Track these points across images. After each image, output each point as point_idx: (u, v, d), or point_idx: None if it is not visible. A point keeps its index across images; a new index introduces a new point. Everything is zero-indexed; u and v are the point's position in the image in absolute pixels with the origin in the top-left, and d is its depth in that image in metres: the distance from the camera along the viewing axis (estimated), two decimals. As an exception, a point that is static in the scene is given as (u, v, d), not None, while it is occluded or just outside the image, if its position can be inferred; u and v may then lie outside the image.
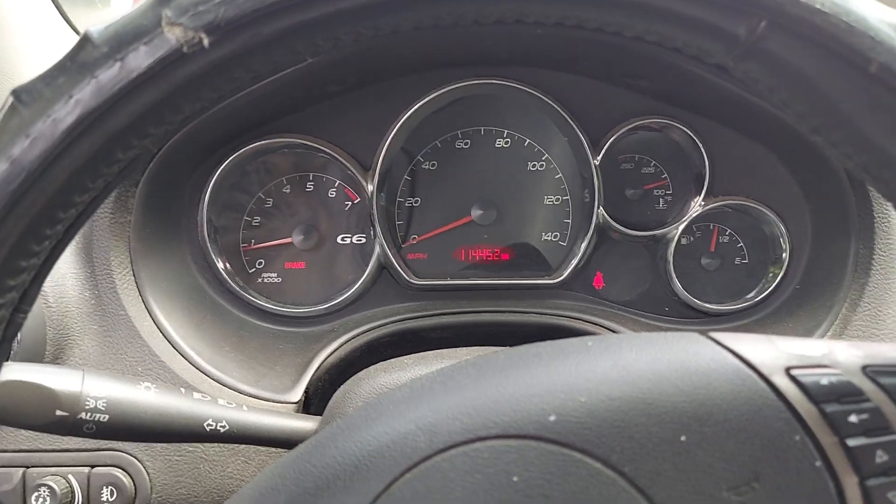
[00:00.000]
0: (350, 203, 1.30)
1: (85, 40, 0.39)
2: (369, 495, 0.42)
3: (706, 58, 0.42)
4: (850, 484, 0.41)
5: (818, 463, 0.42)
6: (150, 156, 1.09)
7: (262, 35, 0.39)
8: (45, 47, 1.18)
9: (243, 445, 1.03)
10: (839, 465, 0.42)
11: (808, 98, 0.41)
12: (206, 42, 0.38)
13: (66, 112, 0.38)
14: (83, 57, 0.38)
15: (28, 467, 1.03)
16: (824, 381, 0.43)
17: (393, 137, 1.24)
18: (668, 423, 0.42)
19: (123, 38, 0.38)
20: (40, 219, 0.40)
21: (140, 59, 0.38)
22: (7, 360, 0.45)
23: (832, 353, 0.45)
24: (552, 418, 0.43)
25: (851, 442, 0.42)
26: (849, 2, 0.39)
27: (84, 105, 0.38)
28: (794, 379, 0.43)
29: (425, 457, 0.42)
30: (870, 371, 0.44)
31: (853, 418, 0.42)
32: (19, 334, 0.97)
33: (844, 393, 0.43)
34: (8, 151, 0.38)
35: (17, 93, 0.39)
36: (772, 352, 0.45)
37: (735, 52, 0.41)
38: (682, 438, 0.42)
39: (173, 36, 0.38)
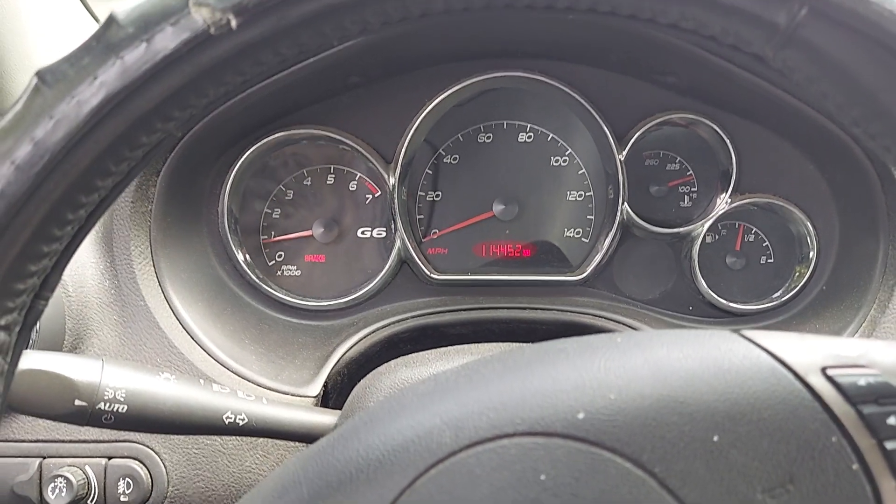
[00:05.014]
0: (371, 196, 1.29)
1: (111, 21, 0.38)
2: (394, 490, 0.41)
3: (744, 46, 0.41)
4: (888, 488, 0.40)
5: (855, 465, 0.40)
6: (172, 145, 1.08)
7: (291, 17, 0.38)
8: (66, 33, 1.18)
9: (261, 439, 1.03)
10: (877, 467, 0.40)
11: (847, 88, 0.40)
12: (233, 23, 0.37)
13: (91, 93, 0.37)
14: (109, 37, 0.38)
15: (45, 458, 1.03)
16: (862, 381, 0.42)
17: (415, 130, 1.23)
18: (700, 422, 0.41)
19: (150, 19, 0.37)
20: (63, 203, 0.39)
21: (167, 40, 0.37)
22: (26, 349, 0.44)
23: (870, 353, 0.44)
24: (581, 416, 0.42)
25: (890, 444, 0.40)
26: (894, -11, 0.38)
27: (109, 87, 0.37)
28: (830, 379, 0.42)
29: (451, 452, 0.42)
30: (910, 372, 0.42)
31: (892, 420, 0.41)
32: (38, 323, 0.97)
33: (883, 394, 0.42)
34: (31, 133, 0.37)
35: (41, 74, 0.38)
36: (807, 351, 0.44)
37: (774, 41, 0.40)
38: (715, 438, 0.41)
39: (201, 17, 0.37)
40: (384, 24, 0.40)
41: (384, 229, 1.30)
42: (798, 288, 1.24)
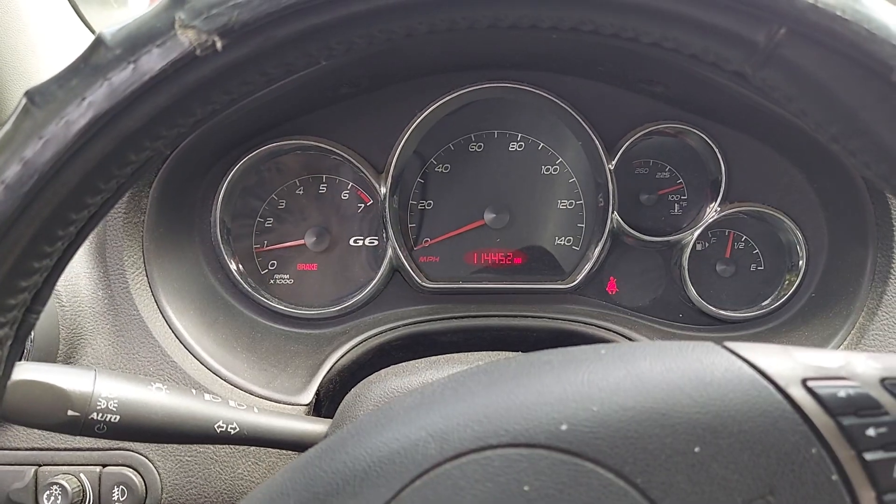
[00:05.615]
0: (363, 205, 1.30)
1: (98, 42, 0.38)
2: (378, 501, 0.42)
3: (724, 65, 0.42)
4: (867, 499, 0.40)
5: (835, 477, 0.41)
6: (164, 157, 1.09)
7: (276, 38, 0.39)
8: (61, 46, 1.19)
9: (254, 447, 1.03)
10: (856, 479, 0.41)
11: (826, 106, 0.41)
12: (219, 45, 0.38)
13: (79, 114, 0.38)
14: (96, 59, 0.38)
15: (40, 466, 1.03)
16: (842, 393, 0.42)
17: (406, 140, 1.24)
18: (681, 434, 0.42)
19: (137, 41, 0.38)
20: (52, 220, 0.40)
21: (153, 61, 0.38)
22: (20, 360, 0.45)
23: (850, 365, 0.44)
24: (563, 427, 0.42)
25: (869, 456, 0.41)
26: (870, 9, 0.38)
27: (97, 107, 0.38)
28: (810, 391, 0.43)
29: (435, 464, 0.42)
30: (889, 384, 0.43)
31: (871, 432, 0.41)
32: (32, 333, 0.97)
33: (862, 406, 0.42)
34: (21, 153, 0.38)
35: (30, 94, 0.39)
36: (788, 363, 0.44)
37: (753, 60, 0.40)
38: (696, 450, 0.41)
39: (186, 38, 0.38)
40: (369, 45, 0.40)
41: (376, 238, 1.30)
42: (787, 295, 1.24)
